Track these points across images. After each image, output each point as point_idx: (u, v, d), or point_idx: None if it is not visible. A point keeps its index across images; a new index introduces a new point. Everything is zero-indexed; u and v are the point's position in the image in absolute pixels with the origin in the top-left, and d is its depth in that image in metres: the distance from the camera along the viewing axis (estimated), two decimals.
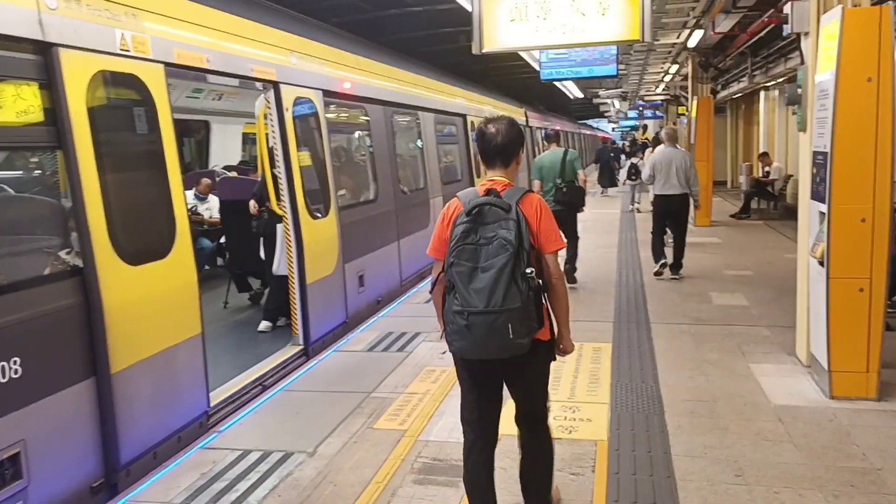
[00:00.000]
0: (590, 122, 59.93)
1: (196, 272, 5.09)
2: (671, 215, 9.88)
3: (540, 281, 3.26)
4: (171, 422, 4.77)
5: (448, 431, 4.81)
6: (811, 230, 5.55)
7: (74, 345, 4.07)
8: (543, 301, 3.33)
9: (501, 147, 3.42)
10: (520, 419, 3.61)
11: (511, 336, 3.07)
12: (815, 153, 5.38)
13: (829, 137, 5.01)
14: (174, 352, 4.80)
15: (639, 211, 17.32)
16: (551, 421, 3.69)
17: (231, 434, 4.90)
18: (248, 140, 13.87)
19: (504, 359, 3.22)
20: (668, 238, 10.09)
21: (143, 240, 4.71)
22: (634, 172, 17.77)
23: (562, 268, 3.65)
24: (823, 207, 5.15)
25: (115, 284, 4.25)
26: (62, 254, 4.26)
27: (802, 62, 6.01)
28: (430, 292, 3.47)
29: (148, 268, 4.58)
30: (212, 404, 5.27)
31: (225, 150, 13.04)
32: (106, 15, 4.39)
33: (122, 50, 4.49)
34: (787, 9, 5.86)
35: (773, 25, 11.12)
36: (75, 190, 4.07)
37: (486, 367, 3.35)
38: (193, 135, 13.58)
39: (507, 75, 23.51)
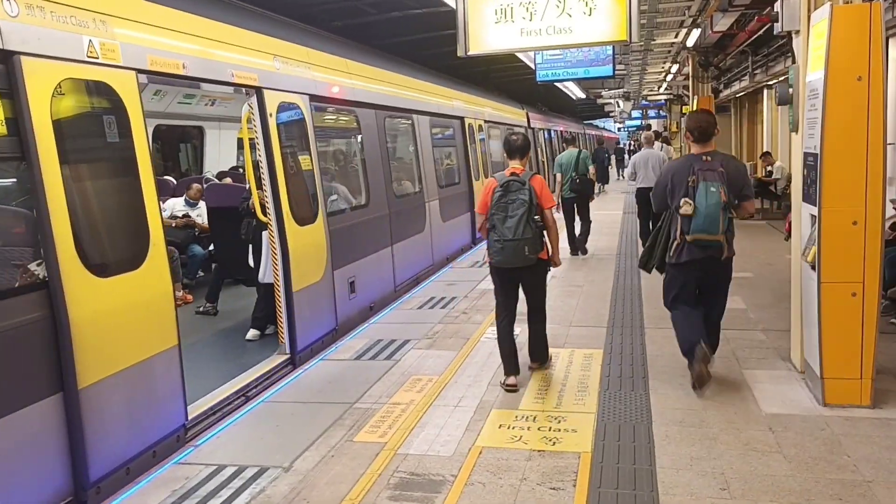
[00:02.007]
0: (596, 122, 59.75)
1: (171, 283, 4.98)
2: (650, 205, 11.16)
3: (542, 224, 5.61)
4: (145, 437, 4.66)
5: (429, 444, 4.70)
6: (803, 233, 5.42)
7: (39, 360, 3.97)
8: (543, 236, 5.68)
9: (519, 147, 5.83)
10: (529, 316, 6.06)
11: (526, 253, 5.53)
12: (806, 154, 5.26)
13: (819, 138, 4.88)
14: (148, 365, 4.69)
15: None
16: (536, 433, 4.63)
17: (207, 448, 4.79)
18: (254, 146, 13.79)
19: (520, 267, 5.63)
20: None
21: (112, 251, 4.60)
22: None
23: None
24: (814, 210, 5.02)
25: (82, 297, 4.16)
26: (32, 266, 4.16)
27: (794, 61, 5.88)
28: (478, 232, 6.23)
29: (118, 279, 4.47)
30: (190, 417, 5.17)
31: (220, 156, 12.95)
32: (72, 22, 4.29)
33: (89, 57, 4.39)
34: (777, 6, 5.72)
35: (770, 24, 10.97)
36: (39, 201, 3.97)
37: (510, 272, 5.75)
38: (191, 140, 13.54)
39: (509, 77, 23.37)
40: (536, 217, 5.53)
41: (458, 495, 4.03)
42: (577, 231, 11.80)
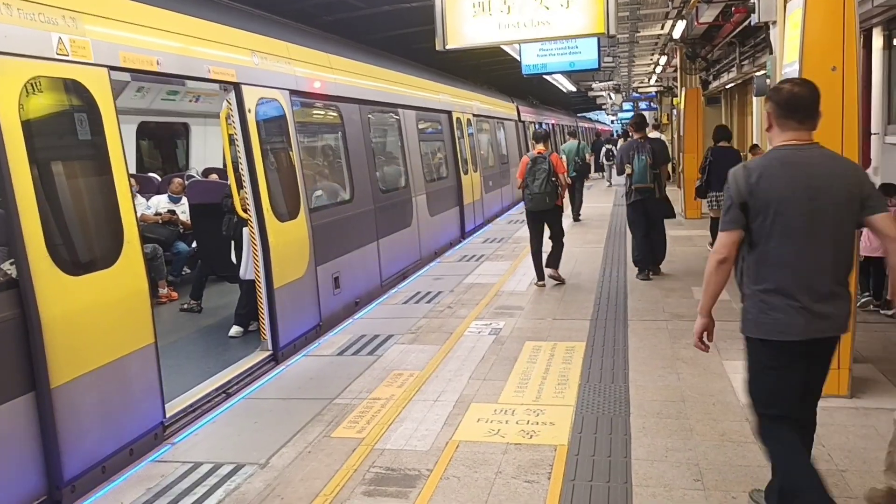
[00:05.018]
0: (589, 115, 59.73)
1: (147, 280, 4.96)
2: None
3: (557, 183, 8.75)
4: (121, 435, 4.65)
5: (406, 439, 4.69)
6: None
7: (10, 359, 3.96)
8: (558, 190, 8.81)
9: (542, 136, 9.23)
10: (552, 241, 9.06)
11: (547, 202, 8.76)
12: None
13: None
14: (123, 363, 4.68)
15: (611, 185, 23.68)
16: (514, 426, 4.79)
17: (185, 446, 4.78)
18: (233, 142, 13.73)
19: (544, 210, 8.84)
20: None
21: (84, 249, 4.59)
22: (609, 156, 23.87)
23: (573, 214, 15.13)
24: None
25: (53, 296, 4.14)
26: (3, 265, 4.15)
27: (771, 52, 5.88)
28: (519, 187, 9.15)
29: (91, 278, 4.46)
30: (168, 415, 5.16)
31: (206, 152, 12.91)
32: (40, 19, 4.26)
33: (59, 55, 4.37)
34: None
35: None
36: (8, 200, 3.95)
37: (537, 215, 8.95)
38: (179, 137, 13.48)
39: (500, 70, 23.27)
40: (553, 179, 8.72)
41: (432, 489, 4.03)
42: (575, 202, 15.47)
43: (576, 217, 15.22)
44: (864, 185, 3.24)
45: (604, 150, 25.57)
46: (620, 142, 26.65)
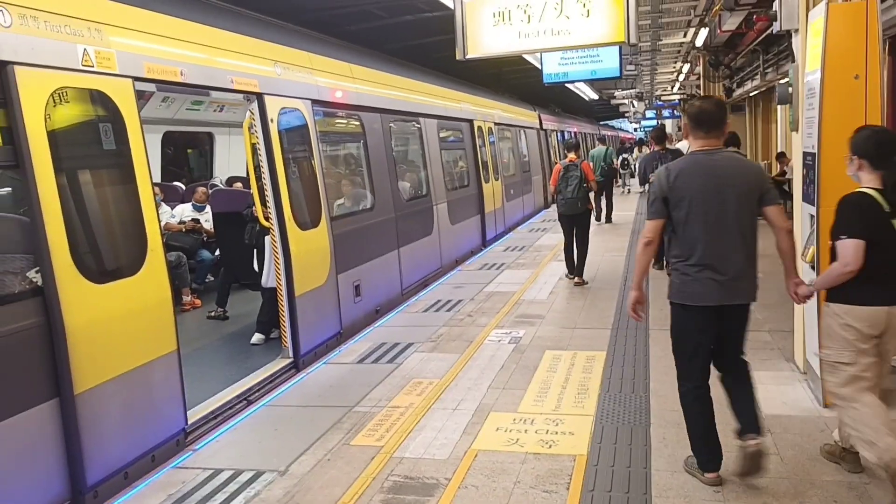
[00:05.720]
0: (612, 122, 59.61)
1: (170, 288, 5.02)
2: None
3: (588, 189, 9.57)
4: (143, 441, 4.70)
5: (425, 447, 4.70)
6: (803, 233, 5.37)
7: (35, 366, 4.02)
8: (588, 195, 9.67)
9: (573, 146, 10.20)
10: (578, 243, 9.67)
11: (579, 206, 9.58)
12: (805, 154, 5.21)
13: (817, 138, 4.84)
14: (146, 370, 4.73)
15: (629, 192, 23.69)
16: (533, 435, 4.83)
17: (206, 452, 4.82)
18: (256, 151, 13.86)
19: (574, 214, 9.63)
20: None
21: (108, 258, 4.65)
22: (624, 164, 24.44)
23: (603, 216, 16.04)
24: (813, 210, 4.97)
25: (77, 304, 4.20)
26: (28, 273, 4.21)
27: (793, 60, 5.84)
28: (552, 194, 11.05)
29: (115, 286, 4.52)
30: (190, 421, 5.20)
31: (231, 161, 13.03)
32: (66, 31, 4.34)
33: (84, 66, 4.44)
34: (775, 5, 5.68)
35: None
36: (34, 209, 4.02)
37: (569, 218, 9.70)
38: (202, 146, 13.64)
39: (521, 78, 23.28)
40: (585, 185, 9.49)
41: (450, 499, 4.03)
42: (604, 205, 16.33)
43: (608, 219, 16.17)
44: (762, 181, 3.96)
45: (620, 158, 25.66)
46: (635, 150, 27.52)
